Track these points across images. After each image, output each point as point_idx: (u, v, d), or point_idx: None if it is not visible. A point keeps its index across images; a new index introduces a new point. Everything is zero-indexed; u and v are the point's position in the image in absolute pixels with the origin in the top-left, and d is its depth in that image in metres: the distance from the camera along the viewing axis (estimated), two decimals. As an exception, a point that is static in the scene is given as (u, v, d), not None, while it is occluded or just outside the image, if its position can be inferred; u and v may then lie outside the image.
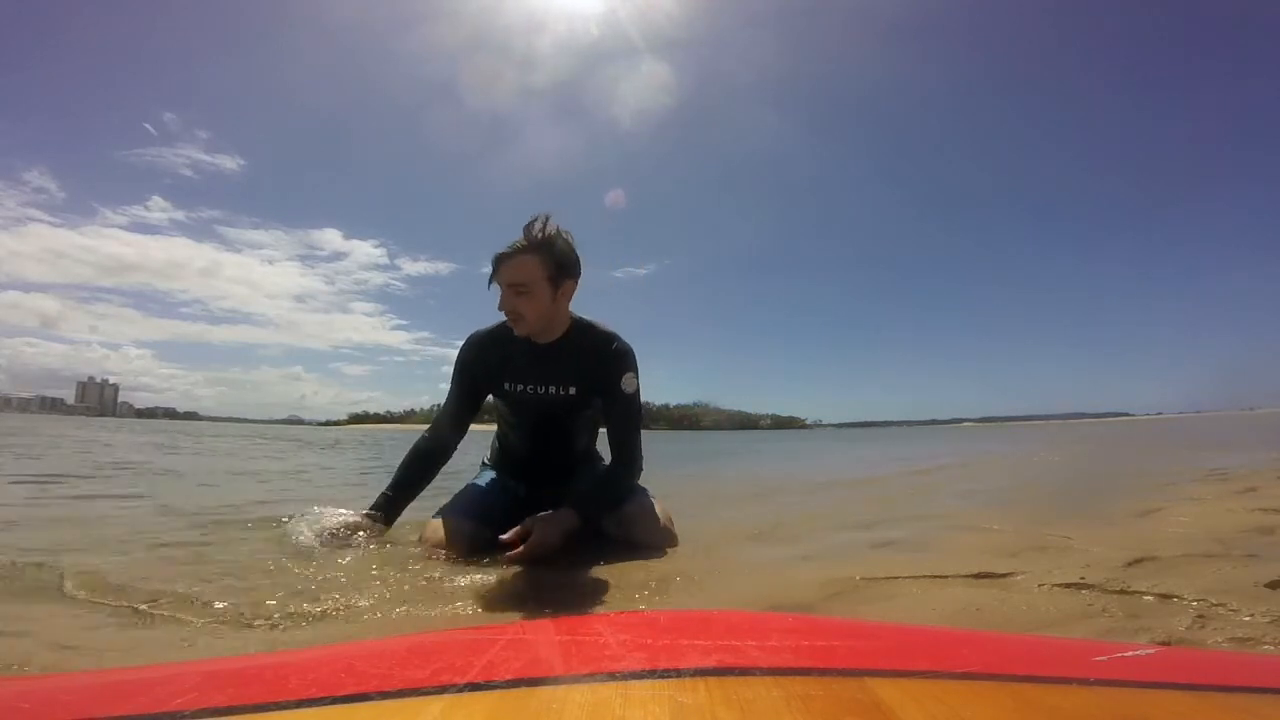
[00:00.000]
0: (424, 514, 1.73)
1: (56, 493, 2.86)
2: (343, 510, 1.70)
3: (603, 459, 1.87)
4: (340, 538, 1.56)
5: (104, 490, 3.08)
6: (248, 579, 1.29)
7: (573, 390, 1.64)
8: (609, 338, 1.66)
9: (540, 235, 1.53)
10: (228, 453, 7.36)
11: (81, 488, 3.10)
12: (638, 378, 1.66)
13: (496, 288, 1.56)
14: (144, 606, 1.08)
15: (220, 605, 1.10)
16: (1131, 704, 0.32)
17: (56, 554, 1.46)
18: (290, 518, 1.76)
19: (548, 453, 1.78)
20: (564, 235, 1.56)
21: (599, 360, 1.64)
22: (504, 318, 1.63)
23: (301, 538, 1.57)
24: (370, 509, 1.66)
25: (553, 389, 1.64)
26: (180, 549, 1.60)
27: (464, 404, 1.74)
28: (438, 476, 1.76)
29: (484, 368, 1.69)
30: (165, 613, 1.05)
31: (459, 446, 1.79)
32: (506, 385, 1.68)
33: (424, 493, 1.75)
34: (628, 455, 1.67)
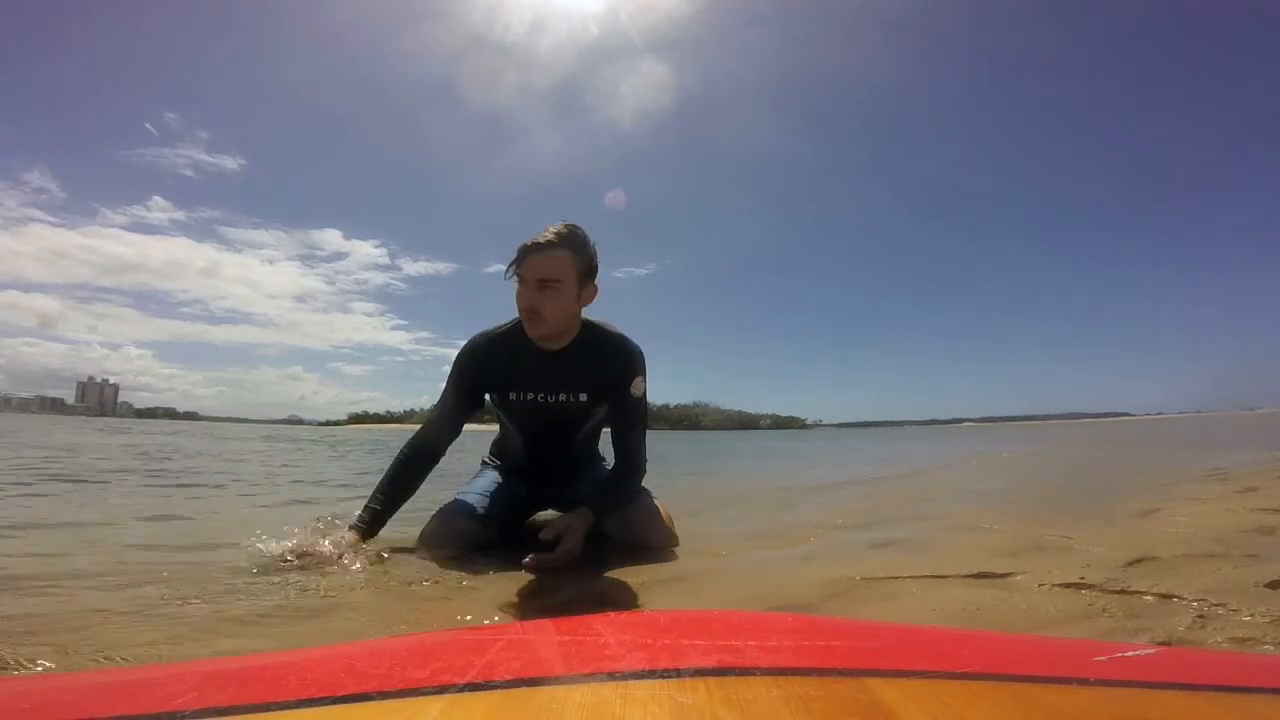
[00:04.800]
0: (425, 514, 1.73)
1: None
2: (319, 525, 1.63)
3: (605, 459, 1.86)
4: (309, 557, 1.42)
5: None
6: (249, 577, 1.29)
7: (584, 397, 1.60)
8: (620, 340, 1.61)
9: (572, 233, 1.47)
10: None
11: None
12: (646, 381, 1.62)
13: (511, 281, 1.48)
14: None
15: (221, 604, 1.10)
16: (1131, 704, 0.32)
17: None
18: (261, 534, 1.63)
19: (552, 456, 1.76)
20: (592, 239, 1.52)
21: (611, 365, 1.59)
22: (513, 317, 1.56)
23: (272, 549, 1.45)
24: (354, 524, 1.55)
25: (563, 396, 1.59)
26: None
27: (461, 407, 1.65)
28: (439, 477, 1.75)
29: (488, 373, 1.61)
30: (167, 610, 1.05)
31: (459, 447, 1.77)
32: (513, 395, 1.61)
33: (425, 493, 1.74)
34: (632, 458, 1.64)
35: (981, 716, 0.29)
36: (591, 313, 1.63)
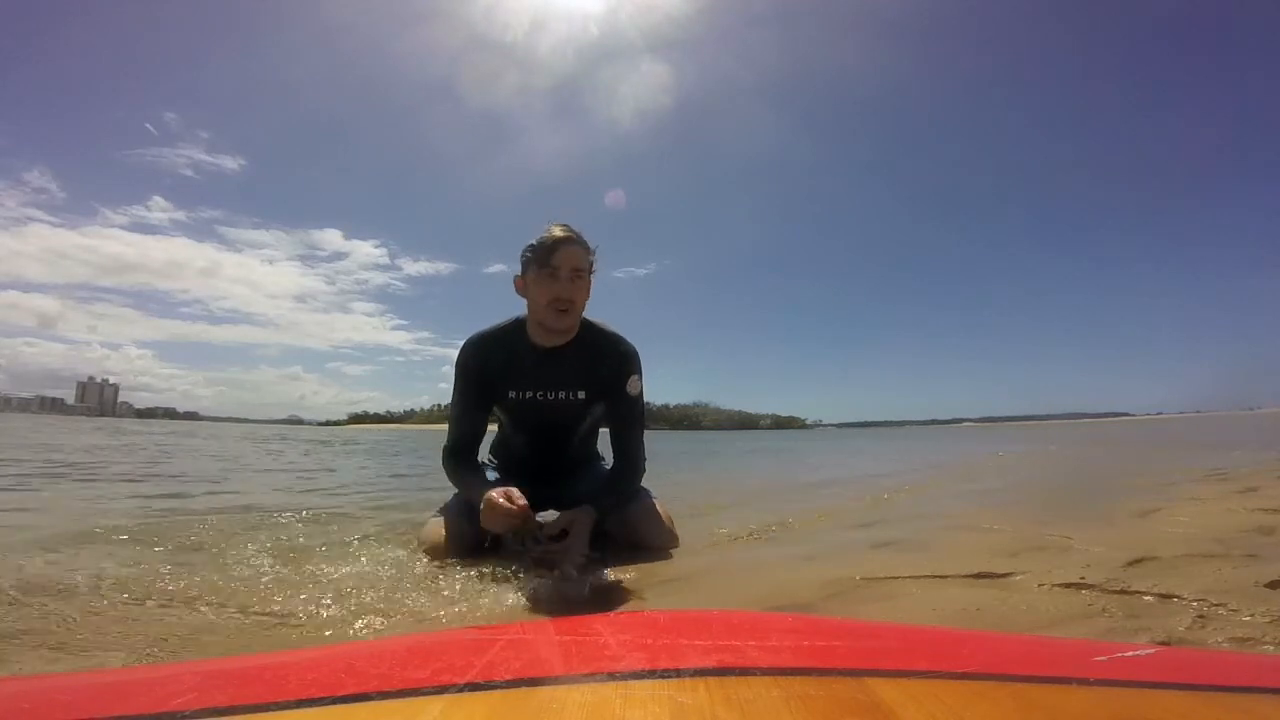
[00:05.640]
0: (424, 515, 1.73)
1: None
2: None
3: (604, 458, 1.86)
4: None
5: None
6: (249, 577, 1.29)
7: (582, 394, 1.62)
8: (616, 339, 1.64)
9: (578, 231, 1.53)
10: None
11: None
12: (642, 380, 1.64)
13: (513, 277, 1.55)
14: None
15: (215, 605, 1.10)
16: (1131, 704, 0.32)
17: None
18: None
19: (551, 455, 1.76)
20: None
21: (608, 363, 1.61)
22: (509, 317, 1.62)
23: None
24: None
25: (562, 394, 1.61)
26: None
27: (479, 408, 1.65)
28: (437, 477, 1.75)
29: (490, 371, 1.62)
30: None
31: None
32: (512, 393, 1.62)
33: (423, 495, 1.74)
34: (631, 458, 1.65)
35: (981, 716, 0.29)
36: (591, 312, 1.65)
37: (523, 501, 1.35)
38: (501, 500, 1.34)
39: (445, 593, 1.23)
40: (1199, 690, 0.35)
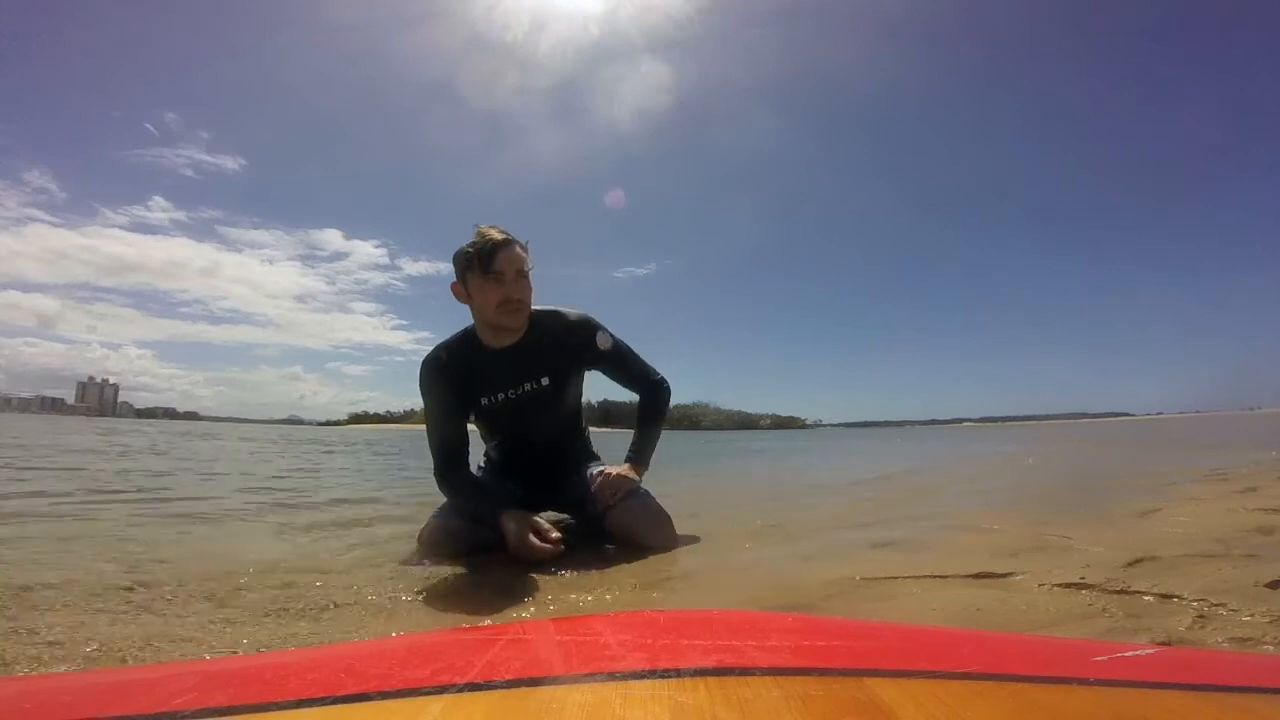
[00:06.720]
0: (423, 515, 1.73)
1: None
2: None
3: (599, 458, 1.86)
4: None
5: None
6: (248, 577, 1.29)
7: (545, 381, 1.65)
8: (559, 314, 1.66)
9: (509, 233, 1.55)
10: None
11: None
12: (608, 332, 1.69)
13: (450, 284, 1.59)
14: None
15: (222, 605, 1.10)
16: (1131, 704, 0.32)
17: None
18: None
19: (536, 452, 1.78)
20: None
21: (561, 342, 1.65)
22: (461, 329, 1.64)
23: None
24: (495, 510, 1.53)
25: (528, 386, 1.64)
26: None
27: (456, 419, 1.65)
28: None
29: (457, 384, 1.62)
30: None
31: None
32: (484, 400, 1.65)
33: (422, 494, 1.74)
34: (645, 380, 1.74)
35: (981, 716, 0.29)
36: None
37: (556, 535, 1.43)
38: (535, 540, 1.41)
39: (444, 592, 1.23)
40: (1199, 690, 0.35)
